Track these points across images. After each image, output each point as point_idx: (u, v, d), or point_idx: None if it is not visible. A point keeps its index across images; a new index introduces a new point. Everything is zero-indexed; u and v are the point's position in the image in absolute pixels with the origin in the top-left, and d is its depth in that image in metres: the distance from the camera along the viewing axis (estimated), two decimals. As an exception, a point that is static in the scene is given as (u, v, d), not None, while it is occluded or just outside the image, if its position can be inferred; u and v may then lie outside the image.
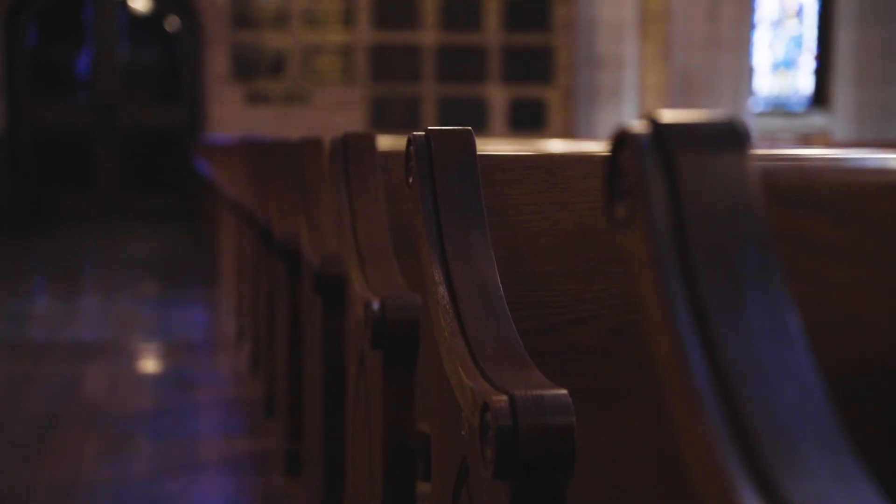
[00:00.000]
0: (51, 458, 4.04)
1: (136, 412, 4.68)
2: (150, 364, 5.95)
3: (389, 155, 2.58)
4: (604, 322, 1.69)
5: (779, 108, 15.94)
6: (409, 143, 1.74)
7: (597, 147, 3.37)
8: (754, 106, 12.91)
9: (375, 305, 2.13)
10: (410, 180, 1.73)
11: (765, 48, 15.78)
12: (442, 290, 1.59)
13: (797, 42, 16.04)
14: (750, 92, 12.47)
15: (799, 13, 15.99)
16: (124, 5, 14.71)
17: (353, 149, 2.49)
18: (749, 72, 12.38)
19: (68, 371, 5.43)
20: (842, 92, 9.72)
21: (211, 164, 9.59)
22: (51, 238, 12.20)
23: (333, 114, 14.76)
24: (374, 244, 2.37)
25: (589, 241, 1.72)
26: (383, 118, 14.83)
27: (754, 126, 12.60)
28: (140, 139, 14.72)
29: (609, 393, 1.66)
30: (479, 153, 1.72)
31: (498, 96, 15.22)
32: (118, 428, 4.42)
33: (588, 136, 13.60)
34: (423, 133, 1.72)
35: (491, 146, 3.32)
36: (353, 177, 2.47)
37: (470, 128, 1.72)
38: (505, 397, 1.33)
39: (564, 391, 1.34)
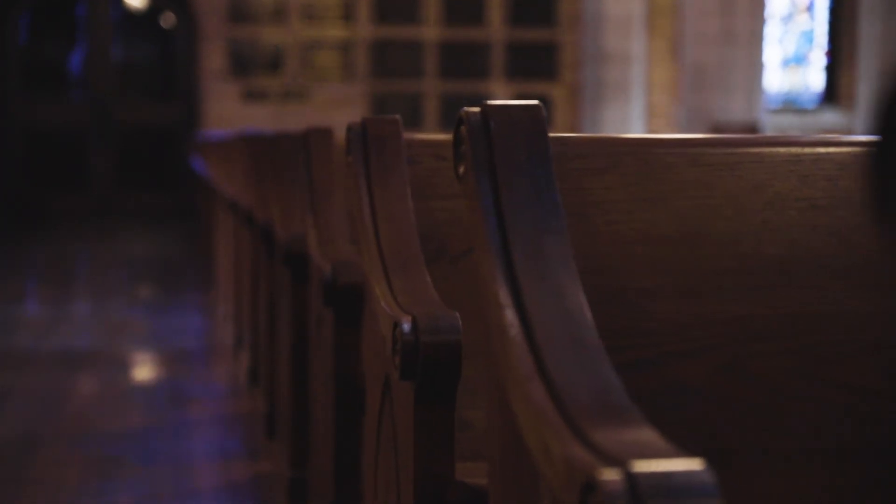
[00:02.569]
0: (31, 484, 3.64)
1: (125, 431, 4.28)
2: (141, 375, 5.55)
3: (415, 143, 2.19)
4: (717, 355, 1.29)
5: (789, 105, 15.55)
6: (459, 121, 1.34)
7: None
8: (765, 103, 12.52)
9: (406, 326, 1.74)
10: (462, 170, 1.33)
11: (775, 44, 15.37)
12: (510, 314, 1.19)
13: (808, 37, 15.64)
14: (762, 88, 12.08)
15: (810, 8, 15.59)
16: (118, 1, 14.31)
17: (375, 138, 2.10)
18: (762, 67, 11.99)
19: (54, 383, 5.03)
20: (865, 87, 9.31)
21: (207, 161, 9.21)
22: (42, 240, 11.80)
23: (333, 111, 14.37)
24: (402, 250, 1.97)
25: (696, 248, 1.33)
26: (384, 115, 14.43)
27: (767, 123, 12.22)
28: (134, 137, 14.34)
29: (726, 450, 1.27)
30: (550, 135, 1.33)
31: (502, 93, 14.83)
32: (105, 449, 4.02)
33: (594, 134, 13.19)
34: (479, 109, 1.33)
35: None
36: (375, 170, 2.07)
37: (538, 102, 1.33)
38: (619, 474, 0.94)
39: (701, 463, 0.95)
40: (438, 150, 2.18)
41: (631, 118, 14.10)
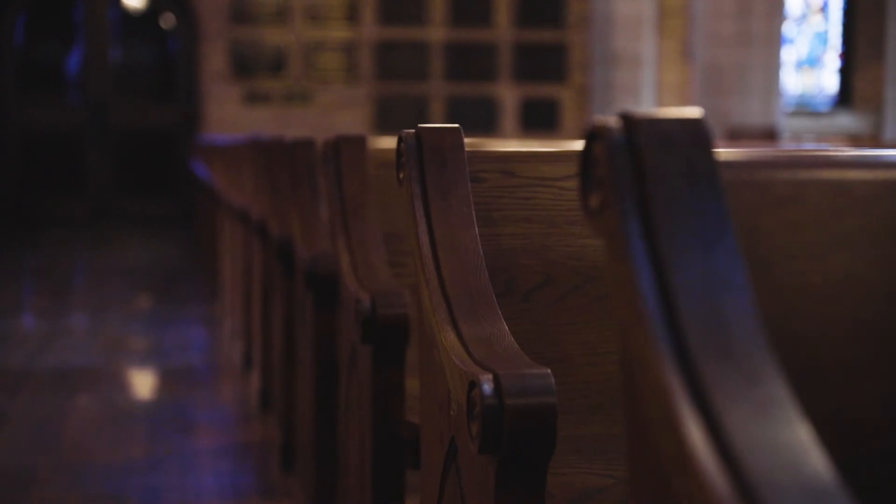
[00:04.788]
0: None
1: (127, 463, 3.93)
2: (143, 398, 5.20)
3: (477, 157, 1.84)
4: (948, 455, 0.96)
5: (802, 108, 15.22)
6: (591, 136, 1.00)
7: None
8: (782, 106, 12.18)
9: (487, 388, 1.40)
10: (596, 202, 0.99)
11: (788, 45, 15.03)
12: (685, 411, 0.85)
13: (822, 39, 15.31)
14: (780, 91, 11.74)
15: (824, 8, 15.26)
16: (117, 1, 13.97)
17: (432, 150, 1.76)
18: (779, 69, 11.64)
19: (50, 407, 4.69)
20: (893, 89, 8.95)
21: (210, 167, 8.86)
22: (37, 246, 11.44)
23: (336, 114, 14.06)
24: (470, 289, 1.63)
25: (914, 309, 0.99)
26: (388, 119, 14.12)
27: (782, 126, 11.88)
28: (133, 140, 13.99)
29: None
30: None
31: (509, 96, 14.51)
32: (106, 485, 3.68)
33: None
34: (620, 121, 0.99)
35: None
36: (433, 190, 1.73)
37: (701, 113, 0.99)
38: None
39: None
40: (506, 164, 1.84)
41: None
